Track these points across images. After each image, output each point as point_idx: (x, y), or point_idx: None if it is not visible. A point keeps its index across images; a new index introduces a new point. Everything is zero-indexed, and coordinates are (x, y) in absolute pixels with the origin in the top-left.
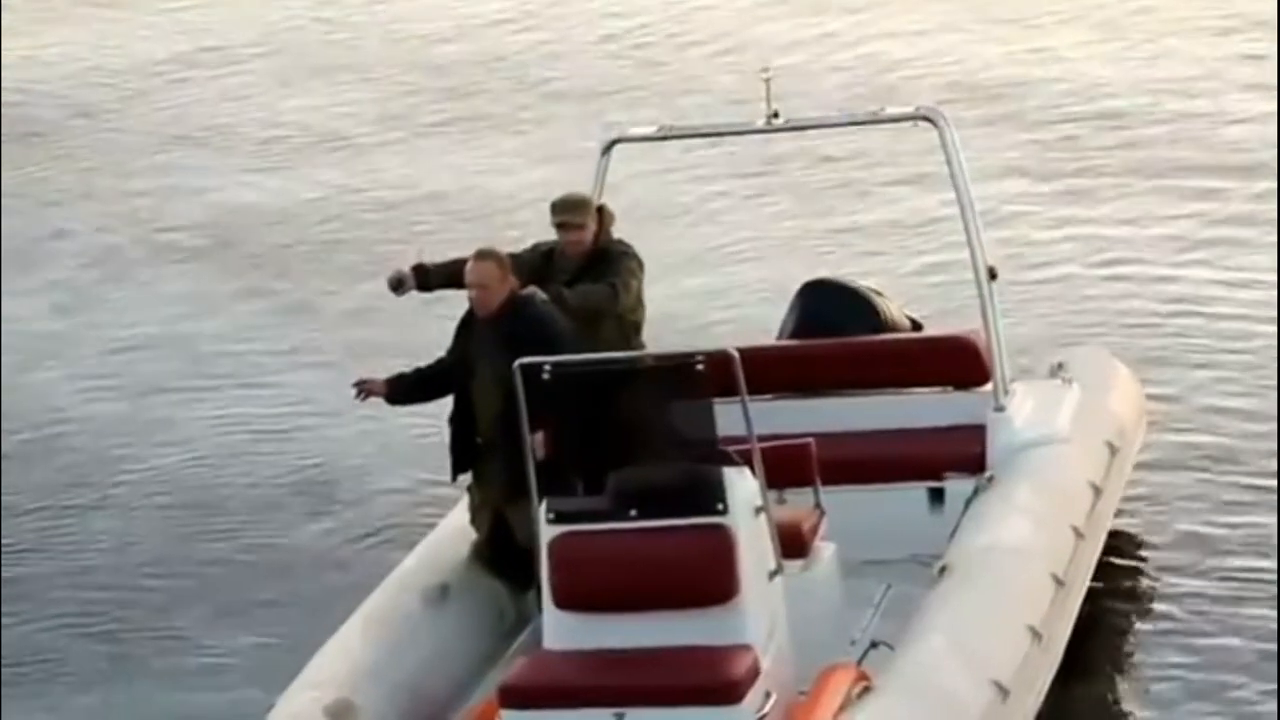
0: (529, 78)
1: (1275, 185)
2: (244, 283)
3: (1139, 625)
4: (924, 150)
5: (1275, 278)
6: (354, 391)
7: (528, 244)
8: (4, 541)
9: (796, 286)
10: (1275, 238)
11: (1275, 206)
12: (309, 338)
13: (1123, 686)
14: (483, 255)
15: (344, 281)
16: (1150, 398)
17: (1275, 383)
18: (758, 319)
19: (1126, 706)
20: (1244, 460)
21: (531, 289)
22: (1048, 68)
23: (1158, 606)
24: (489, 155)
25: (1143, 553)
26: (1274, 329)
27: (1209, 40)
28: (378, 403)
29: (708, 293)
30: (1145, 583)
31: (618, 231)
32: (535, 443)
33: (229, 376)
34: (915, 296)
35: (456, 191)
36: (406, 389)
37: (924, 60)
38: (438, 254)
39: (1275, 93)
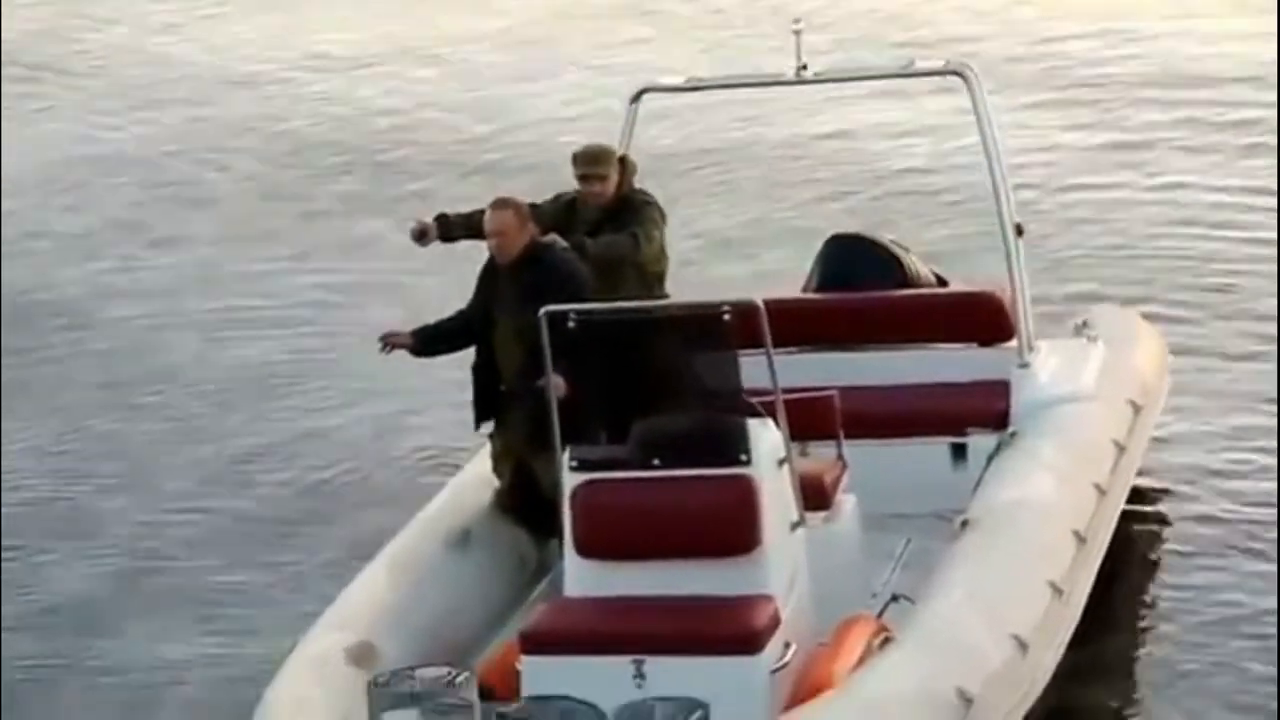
0: None
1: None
2: None
3: (1160, 581)
4: None
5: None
6: (380, 345)
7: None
8: None
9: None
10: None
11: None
12: None
13: (1143, 643)
14: (501, 203)
15: None
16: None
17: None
18: None
19: (1147, 662)
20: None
21: (552, 236)
22: None
23: (1179, 561)
24: None
25: (1164, 508)
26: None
27: None
28: None
29: None
30: (1167, 538)
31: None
32: (556, 383)
33: None
34: None
35: None
36: (432, 340)
37: None
38: None
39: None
